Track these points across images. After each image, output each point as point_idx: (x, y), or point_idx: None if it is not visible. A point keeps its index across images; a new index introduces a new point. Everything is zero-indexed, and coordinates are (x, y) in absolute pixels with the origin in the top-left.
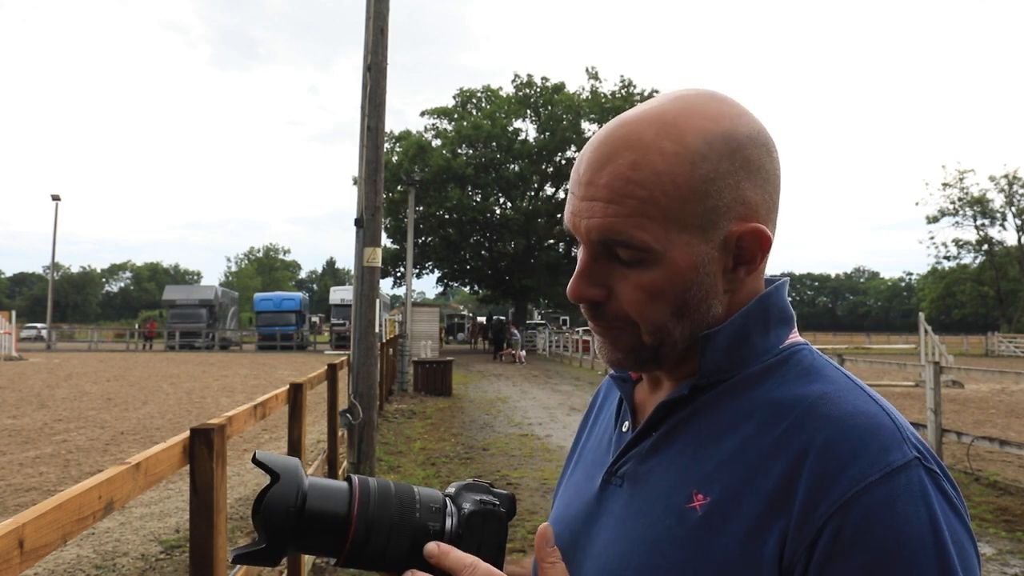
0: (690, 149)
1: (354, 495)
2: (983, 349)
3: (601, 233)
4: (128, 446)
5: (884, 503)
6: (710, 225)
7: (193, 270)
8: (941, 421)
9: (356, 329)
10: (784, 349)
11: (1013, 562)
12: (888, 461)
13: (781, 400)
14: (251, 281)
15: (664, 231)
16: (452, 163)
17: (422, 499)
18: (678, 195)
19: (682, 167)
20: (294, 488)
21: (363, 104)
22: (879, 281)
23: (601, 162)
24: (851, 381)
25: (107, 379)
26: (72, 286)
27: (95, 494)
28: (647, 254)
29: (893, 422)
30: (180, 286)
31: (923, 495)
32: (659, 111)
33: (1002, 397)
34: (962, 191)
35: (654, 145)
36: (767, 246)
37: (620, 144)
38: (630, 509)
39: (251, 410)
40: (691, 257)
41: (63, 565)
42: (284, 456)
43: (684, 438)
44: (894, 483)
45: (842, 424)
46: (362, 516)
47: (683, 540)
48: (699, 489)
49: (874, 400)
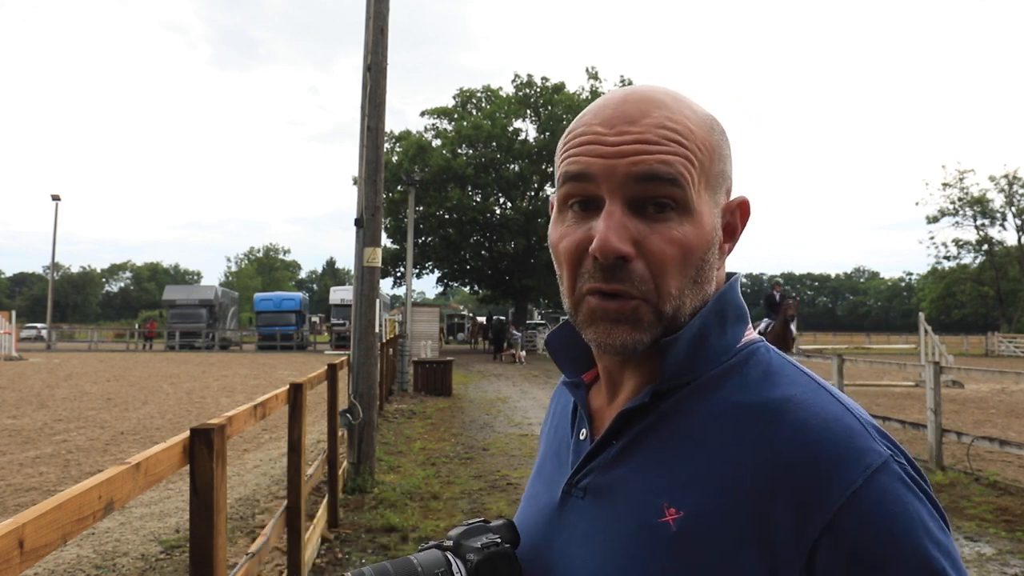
0: (703, 118)
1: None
2: (983, 349)
3: (653, 170)
4: (128, 446)
5: (874, 506)
6: (719, 189)
7: (193, 270)
8: (941, 421)
9: (356, 329)
10: (741, 348)
11: (1013, 562)
12: (866, 465)
13: (747, 405)
14: (251, 281)
15: (698, 184)
16: (452, 163)
17: (423, 569)
18: (707, 152)
19: (704, 129)
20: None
21: (363, 104)
22: (879, 281)
23: (635, 111)
24: (813, 381)
25: (107, 379)
26: (72, 286)
27: (95, 494)
28: (685, 204)
29: (859, 422)
30: (180, 286)
31: (904, 488)
32: (662, 89)
33: (1002, 397)
34: (962, 191)
35: (678, 108)
36: (747, 220)
37: (648, 103)
38: (597, 524)
39: (251, 410)
40: (712, 217)
41: (63, 565)
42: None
43: (649, 447)
44: (878, 484)
45: (814, 430)
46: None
47: (658, 557)
48: (671, 503)
49: (839, 401)
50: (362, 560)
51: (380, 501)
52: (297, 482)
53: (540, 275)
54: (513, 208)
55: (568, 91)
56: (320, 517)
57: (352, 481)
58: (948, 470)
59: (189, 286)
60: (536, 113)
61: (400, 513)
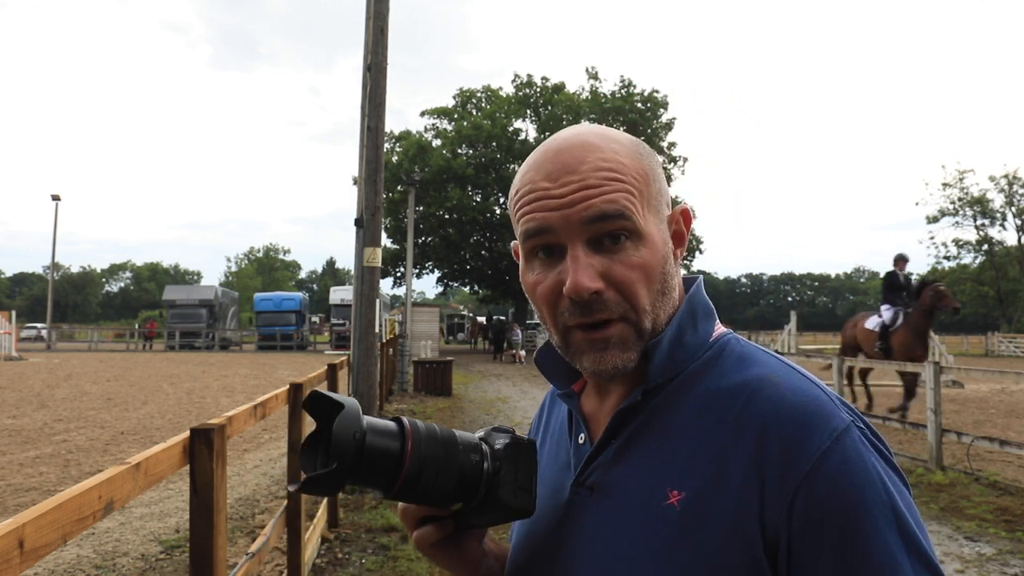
0: (630, 148)
1: (406, 435)
2: (983, 349)
3: (601, 211)
4: (128, 446)
5: (840, 464)
6: (660, 206)
7: (193, 270)
8: (941, 421)
9: (356, 329)
10: (714, 342)
11: (1013, 562)
12: (832, 428)
13: (726, 389)
14: (251, 281)
15: (642, 210)
16: (452, 163)
17: (462, 440)
18: (642, 178)
19: (633, 158)
20: (357, 418)
21: (363, 104)
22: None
23: (572, 161)
24: (781, 362)
25: (107, 379)
26: (72, 286)
27: (95, 494)
28: (636, 232)
29: (825, 394)
30: (180, 286)
31: (865, 449)
32: (588, 129)
33: (1002, 397)
34: (962, 191)
35: (607, 147)
36: (690, 224)
37: (581, 150)
38: (605, 517)
39: (251, 410)
40: (659, 234)
41: (63, 565)
42: (347, 408)
43: (645, 441)
44: (842, 445)
45: (788, 402)
46: (415, 455)
47: (667, 537)
48: (673, 486)
49: (806, 377)
50: (362, 560)
51: (380, 501)
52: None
53: None
54: None
55: (568, 91)
56: (320, 517)
57: None
58: (948, 470)
59: (189, 286)
60: (536, 113)
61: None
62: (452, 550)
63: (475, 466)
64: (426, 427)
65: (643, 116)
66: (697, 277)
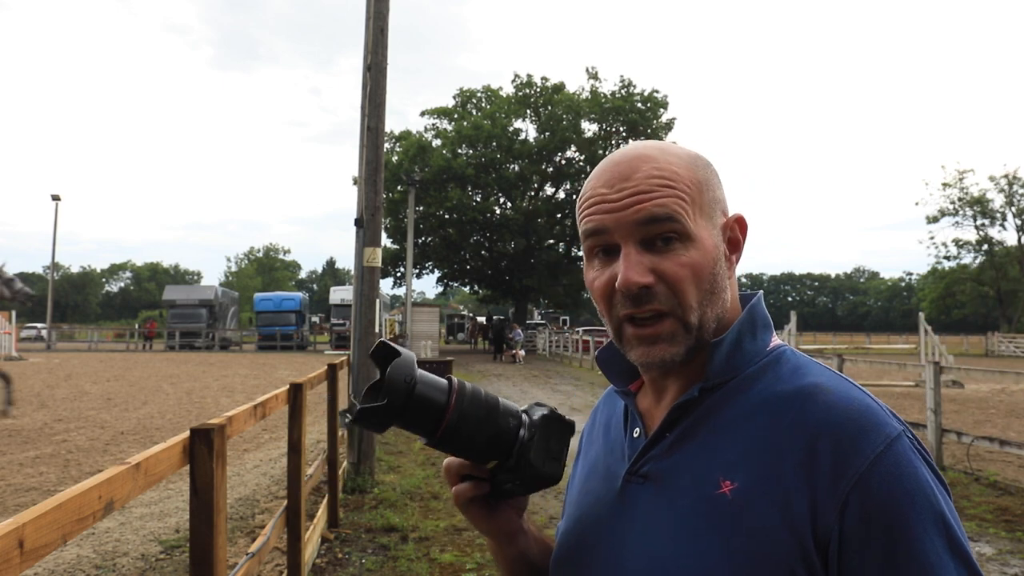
0: (686, 160)
1: (453, 390)
2: (983, 349)
3: (652, 214)
4: (128, 446)
5: (893, 468)
6: (713, 214)
7: (193, 270)
8: (941, 421)
9: (356, 329)
10: (771, 351)
11: (1013, 562)
12: (885, 435)
13: (783, 393)
14: (251, 281)
15: (693, 215)
16: (452, 163)
17: (504, 406)
18: (695, 186)
19: (688, 169)
20: (411, 366)
21: (363, 104)
22: (879, 281)
23: (628, 170)
24: (834, 373)
25: (107, 379)
26: (72, 286)
27: (95, 494)
28: (685, 233)
29: (876, 402)
30: (180, 286)
31: (915, 456)
32: (649, 144)
33: (1002, 397)
34: (962, 191)
35: (663, 158)
36: (746, 231)
37: (638, 160)
38: (659, 503)
39: (251, 410)
40: (711, 239)
41: (63, 565)
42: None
43: (700, 434)
44: (894, 451)
45: (842, 408)
46: (457, 407)
47: (718, 524)
48: (725, 476)
49: (857, 387)
50: (362, 560)
51: (380, 501)
52: (297, 482)
53: (540, 275)
54: (513, 208)
55: (568, 91)
56: (320, 517)
57: (352, 481)
58: (948, 470)
59: (189, 286)
60: (536, 113)
61: (400, 513)
62: (486, 511)
63: (511, 430)
64: (473, 388)
65: (643, 116)
66: (757, 292)
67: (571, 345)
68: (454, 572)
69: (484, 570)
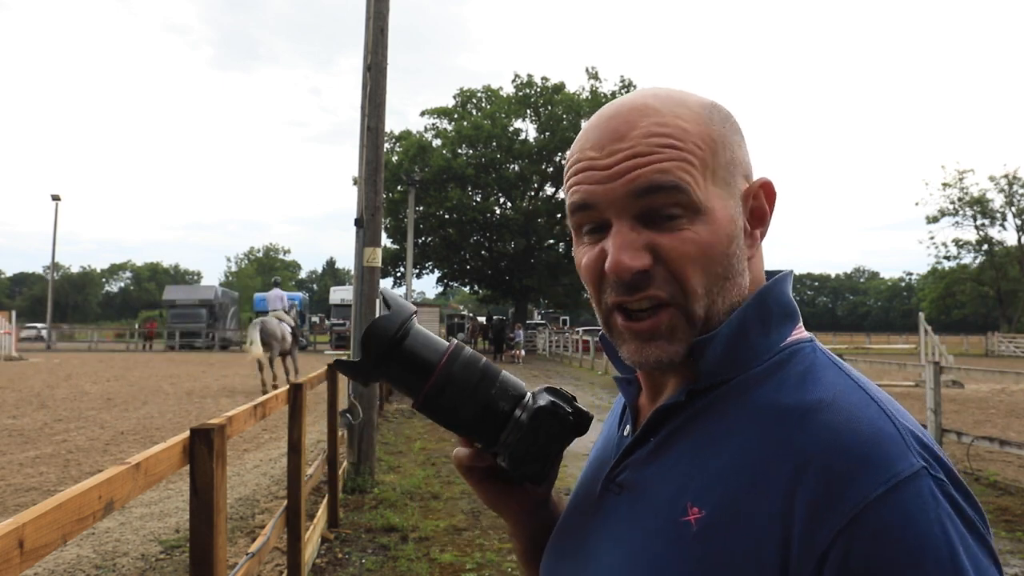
0: (698, 112)
1: (446, 352)
2: (983, 349)
3: (649, 182)
4: (128, 446)
5: (892, 521)
6: (731, 178)
7: (193, 270)
8: (941, 421)
9: (356, 329)
10: (785, 348)
11: (1013, 562)
12: (893, 473)
13: (780, 406)
14: (251, 281)
15: (703, 182)
16: (452, 163)
17: (504, 382)
18: (706, 146)
19: (700, 124)
20: (398, 322)
21: (363, 104)
22: (879, 281)
23: (622, 128)
24: (853, 382)
25: (107, 379)
26: (72, 286)
27: (95, 494)
28: (693, 204)
29: (895, 427)
30: (180, 286)
31: (934, 509)
32: (651, 91)
33: (1002, 397)
34: (962, 191)
35: (667, 110)
36: (774, 200)
37: (635, 113)
38: (630, 521)
39: (251, 410)
40: (727, 210)
41: (63, 565)
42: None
43: (681, 445)
44: (903, 495)
45: (842, 432)
46: (445, 371)
47: (679, 556)
48: (694, 501)
49: (876, 402)
50: (362, 560)
51: (380, 501)
52: (297, 482)
53: (540, 275)
54: (513, 208)
55: (568, 91)
56: (320, 517)
57: (352, 481)
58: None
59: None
60: (536, 113)
61: (400, 513)
62: (487, 484)
63: (501, 413)
64: (471, 355)
65: None
66: (785, 271)
67: (571, 345)
68: (454, 572)
69: (484, 570)
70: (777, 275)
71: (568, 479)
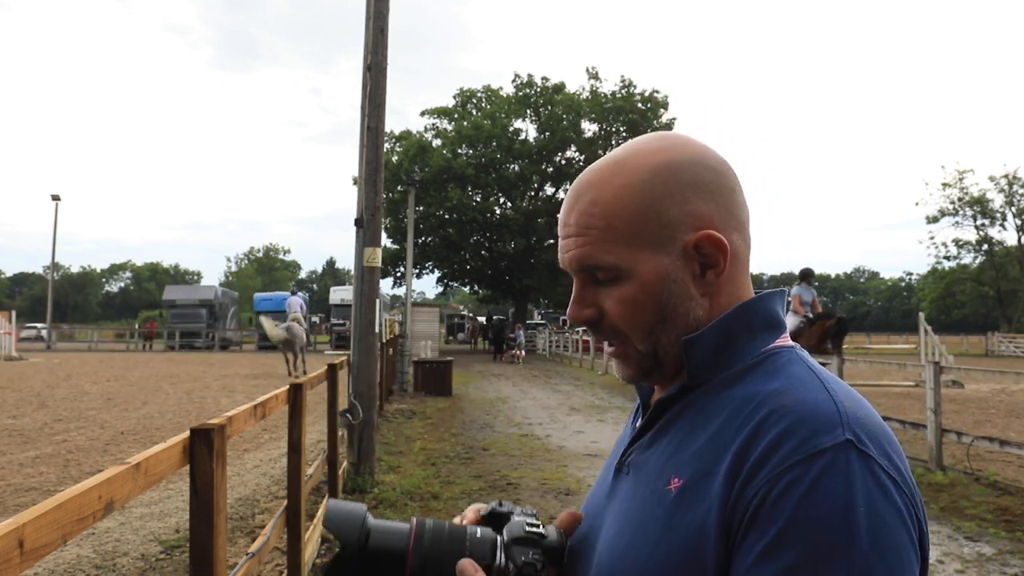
0: (637, 179)
1: (411, 533)
2: (983, 349)
3: (578, 262)
4: (128, 446)
5: (802, 481)
6: (667, 239)
7: (193, 270)
8: (941, 421)
9: (356, 329)
10: (766, 352)
11: (1013, 562)
12: (814, 444)
13: (747, 395)
14: (251, 281)
15: (627, 251)
16: (452, 163)
17: (473, 538)
18: (630, 219)
19: (631, 196)
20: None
21: (363, 104)
22: (879, 281)
23: (571, 204)
24: (815, 377)
25: (107, 379)
26: (72, 286)
27: (95, 494)
28: (617, 272)
29: (836, 408)
30: (180, 286)
31: (845, 475)
32: (614, 156)
33: (1002, 397)
34: (962, 191)
35: (607, 182)
36: (724, 248)
37: (584, 186)
38: (629, 495)
39: (251, 410)
40: (656, 269)
41: (63, 565)
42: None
43: (672, 431)
44: (817, 463)
45: (784, 411)
46: (417, 551)
47: (659, 519)
48: (675, 474)
49: (828, 391)
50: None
51: (380, 501)
52: (297, 482)
53: (540, 275)
54: (513, 208)
55: (568, 91)
56: (320, 517)
57: (352, 481)
58: (948, 470)
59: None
60: (536, 113)
61: (400, 513)
62: None
63: (483, 566)
64: (435, 525)
65: (643, 116)
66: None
67: (571, 345)
68: None
69: None
70: (768, 292)
71: (568, 479)
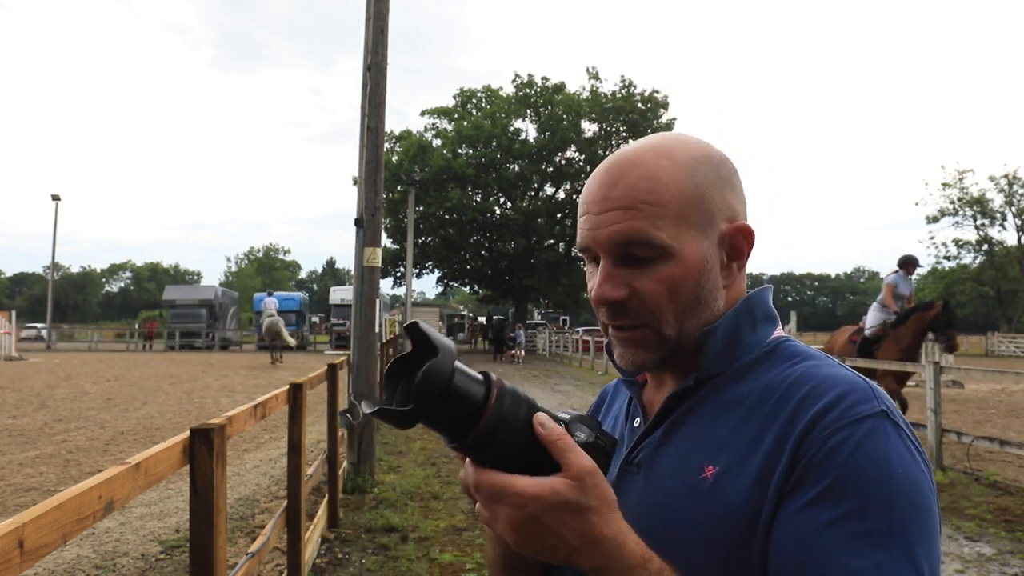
0: (684, 164)
1: (493, 388)
2: (983, 349)
3: (624, 235)
4: (128, 446)
5: (849, 440)
6: (709, 224)
7: (193, 270)
8: (941, 421)
9: (356, 329)
10: (771, 342)
11: (1013, 562)
12: (859, 411)
13: (774, 379)
14: (251, 281)
15: (676, 230)
16: (452, 163)
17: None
18: (683, 198)
19: (681, 177)
20: (449, 365)
21: (363, 104)
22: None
23: (613, 180)
24: (828, 358)
25: (107, 379)
26: (72, 286)
27: (95, 494)
28: (664, 251)
29: (865, 383)
30: (180, 286)
31: (884, 438)
32: (649, 143)
33: (1002, 397)
34: (962, 191)
35: (655, 163)
36: (752, 241)
37: (627, 165)
38: (647, 489)
39: (251, 410)
40: (699, 252)
41: (63, 565)
42: (442, 336)
43: (692, 422)
44: (860, 427)
45: (824, 386)
46: (496, 408)
47: (696, 505)
48: (708, 462)
49: (852, 371)
50: (362, 560)
51: (380, 501)
52: (297, 482)
53: (540, 275)
54: (513, 208)
55: (568, 91)
56: (320, 517)
57: (352, 481)
58: (948, 470)
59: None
60: (536, 113)
61: (400, 513)
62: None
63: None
64: (512, 388)
65: (643, 116)
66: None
67: (571, 345)
68: (454, 572)
69: (484, 570)
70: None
71: None
